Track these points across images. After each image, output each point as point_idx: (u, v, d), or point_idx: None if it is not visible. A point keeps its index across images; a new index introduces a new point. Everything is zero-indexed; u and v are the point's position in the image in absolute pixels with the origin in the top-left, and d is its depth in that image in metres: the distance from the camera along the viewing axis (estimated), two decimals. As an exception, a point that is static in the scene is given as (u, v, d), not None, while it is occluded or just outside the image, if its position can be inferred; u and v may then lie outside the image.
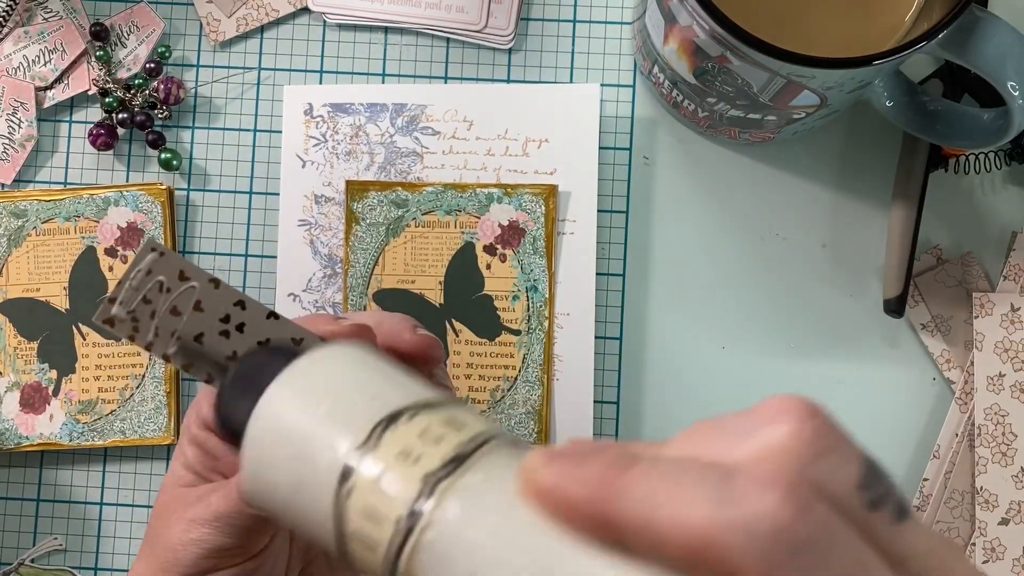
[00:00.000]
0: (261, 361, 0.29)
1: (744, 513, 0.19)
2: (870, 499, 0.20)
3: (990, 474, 0.50)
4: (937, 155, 0.51)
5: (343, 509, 0.24)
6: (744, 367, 0.52)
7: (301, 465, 0.25)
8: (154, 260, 0.30)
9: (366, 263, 0.52)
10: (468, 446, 0.23)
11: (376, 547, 0.23)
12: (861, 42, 0.44)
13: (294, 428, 0.25)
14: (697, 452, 0.21)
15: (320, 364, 0.27)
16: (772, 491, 0.19)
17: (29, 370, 0.52)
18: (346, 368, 0.27)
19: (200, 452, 0.35)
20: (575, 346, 0.51)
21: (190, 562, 0.33)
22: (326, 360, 0.27)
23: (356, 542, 0.23)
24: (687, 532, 0.19)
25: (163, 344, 0.30)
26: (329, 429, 0.25)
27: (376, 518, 0.23)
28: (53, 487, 0.53)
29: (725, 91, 0.45)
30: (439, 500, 0.22)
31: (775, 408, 0.21)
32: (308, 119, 0.53)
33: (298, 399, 0.26)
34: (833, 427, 0.21)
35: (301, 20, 0.54)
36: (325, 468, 0.24)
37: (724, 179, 0.53)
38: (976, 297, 0.51)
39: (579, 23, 0.53)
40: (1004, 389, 0.50)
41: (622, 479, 0.20)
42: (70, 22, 0.54)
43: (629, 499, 0.20)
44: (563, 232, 0.52)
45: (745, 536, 0.19)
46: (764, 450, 0.20)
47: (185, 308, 0.31)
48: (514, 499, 0.22)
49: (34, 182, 0.54)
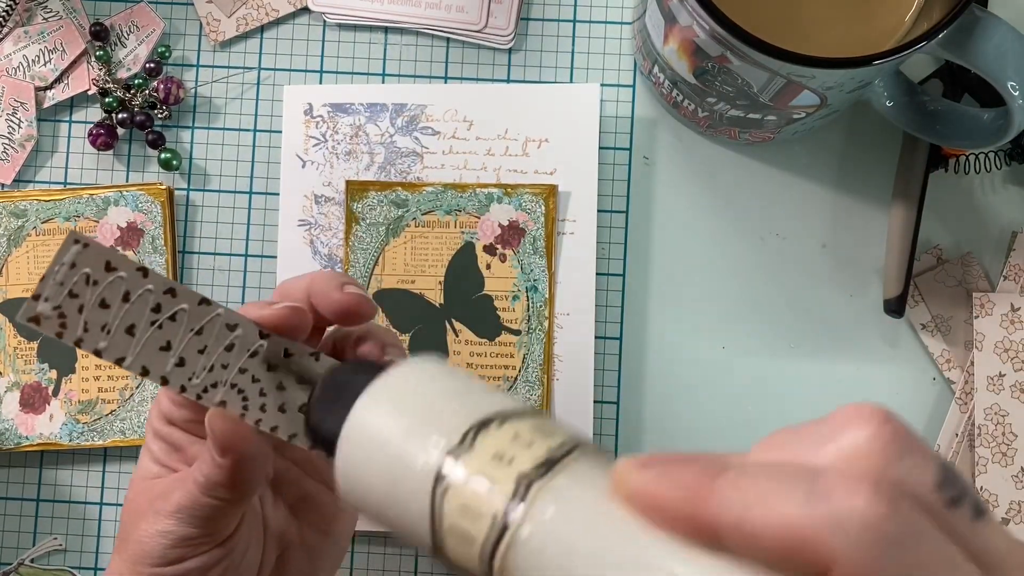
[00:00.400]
0: (348, 375, 0.32)
1: (837, 508, 0.20)
2: (949, 498, 0.21)
3: (990, 474, 0.50)
4: (937, 155, 0.51)
5: (439, 508, 0.25)
6: (744, 367, 0.52)
7: (396, 468, 0.26)
8: (78, 252, 0.29)
9: (366, 263, 0.52)
10: (558, 451, 0.25)
11: (472, 542, 0.24)
12: (861, 42, 0.44)
13: (388, 434, 0.27)
14: (781, 458, 0.22)
15: (408, 376, 0.29)
16: (861, 487, 0.20)
17: (29, 370, 0.52)
18: (433, 379, 0.28)
19: (165, 445, 0.36)
20: (575, 346, 0.51)
21: (158, 553, 0.34)
22: (413, 372, 0.29)
23: (453, 537, 0.25)
24: (782, 527, 0.20)
25: (93, 339, 0.30)
26: (423, 434, 0.26)
27: (473, 515, 0.24)
28: (53, 487, 0.53)
29: (725, 91, 0.45)
30: (534, 499, 0.24)
31: (851, 414, 0.22)
32: (308, 119, 0.53)
33: (391, 408, 0.28)
34: (909, 431, 0.22)
35: (301, 20, 0.54)
36: (420, 470, 0.26)
37: (724, 179, 0.53)
38: (976, 297, 0.51)
39: (579, 23, 0.53)
40: (1004, 389, 0.50)
41: (716, 481, 0.21)
42: (70, 22, 0.54)
43: (723, 499, 0.21)
44: (563, 232, 0.52)
45: (839, 530, 0.19)
46: (846, 453, 0.21)
47: (114, 300, 0.30)
48: (606, 500, 0.23)
49: (34, 182, 0.54)
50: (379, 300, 0.52)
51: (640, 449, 0.52)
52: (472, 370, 0.51)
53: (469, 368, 0.51)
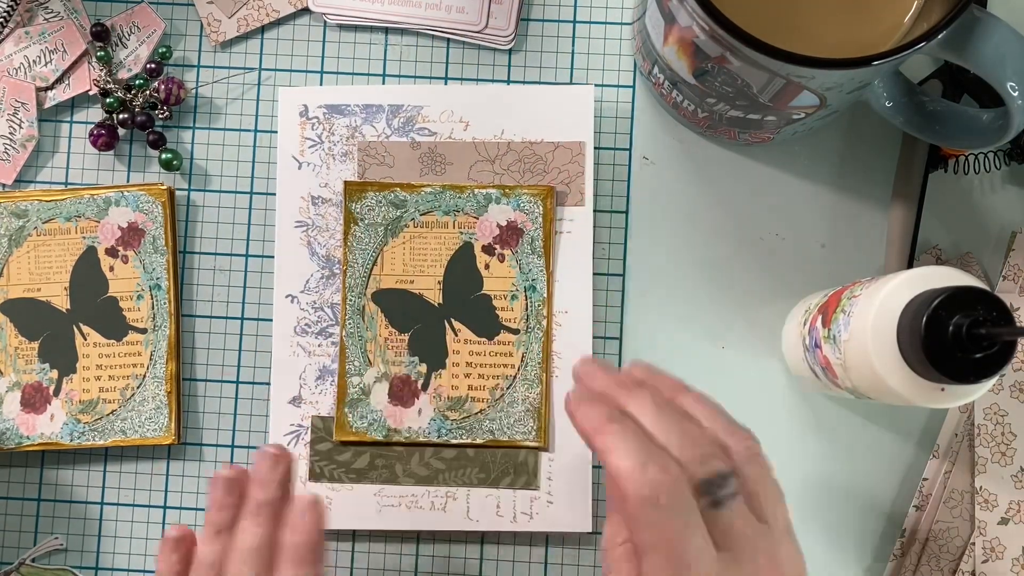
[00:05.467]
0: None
1: (635, 476, 0.35)
2: (700, 488, 0.35)
3: (989, 474, 0.50)
4: (937, 155, 0.51)
5: None
6: (744, 367, 0.52)
7: None
8: None
9: (365, 263, 0.52)
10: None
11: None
12: (861, 43, 0.44)
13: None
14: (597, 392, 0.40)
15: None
16: (652, 469, 0.35)
17: (30, 370, 0.52)
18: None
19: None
20: (573, 343, 0.51)
21: None
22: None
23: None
24: (615, 471, 0.35)
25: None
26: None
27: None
28: (54, 487, 0.53)
29: (725, 91, 0.45)
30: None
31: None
32: (303, 120, 0.53)
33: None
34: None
35: (301, 20, 0.54)
36: None
37: (724, 179, 0.53)
38: (976, 297, 0.51)
39: (579, 23, 0.53)
40: (1004, 389, 0.50)
41: (607, 426, 0.36)
42: (71, 22, 0.54)
43: (601, 440, 0.36)
44: (560, 231, 0.52)
45: (634, 485, 0.34)
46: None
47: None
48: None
49: (35, 182, 0.54)
50: (378, 300, 0.52)
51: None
52: (472, 369, 0.51)
53: (469, 367, 0.51)
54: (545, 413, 0.51)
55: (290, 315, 0.52)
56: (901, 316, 0.39)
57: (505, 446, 0.51)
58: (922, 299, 0.38)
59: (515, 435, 0.51)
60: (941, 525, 0.50)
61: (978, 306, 0.37)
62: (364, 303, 0.52)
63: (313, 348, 0.52)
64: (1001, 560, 0.50)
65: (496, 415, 0.51)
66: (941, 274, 0.39)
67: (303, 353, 0.52)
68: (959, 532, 0.50)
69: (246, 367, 0.53)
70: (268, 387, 0.53)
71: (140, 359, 0.52)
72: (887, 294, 0.39)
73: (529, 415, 0.51)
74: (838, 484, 0.51)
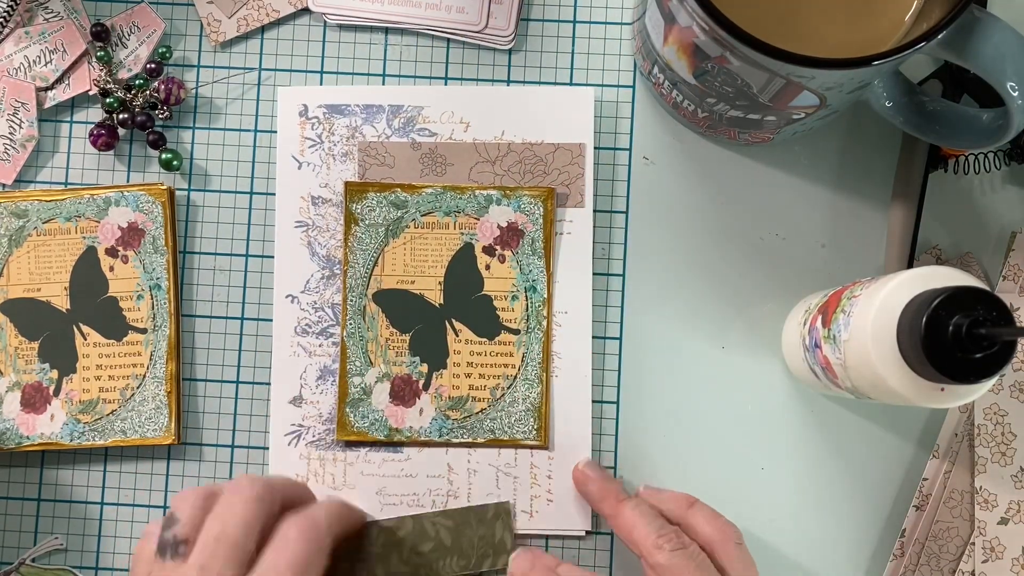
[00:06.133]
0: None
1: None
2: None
3: (989, 474, 0.50)
4: (936, 155, 0.51)
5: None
6: (744, 367, 0.52)
7: None
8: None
9: (365, 263, 0.52)
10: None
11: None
12: (860, 43, 0.44)
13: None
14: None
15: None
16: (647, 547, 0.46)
17: (30, 370, 0.52)
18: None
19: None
20: (573, 343, 0.52)
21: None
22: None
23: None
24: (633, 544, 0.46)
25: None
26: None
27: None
28: (54, 487, 0.53)
29: (725, 91, 0.45)
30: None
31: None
32: (303, 120, 0.53)
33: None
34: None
35: (301, 20, 0.54)
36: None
37: (724, 179, 0.53)
38: (976, 297, 0.51)
39: (579, 23, 0.54)
40: (1003, 389, 0.50)
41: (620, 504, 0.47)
42: (71, 22, 0.54)
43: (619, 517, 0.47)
44: (560, 232, 0.52)
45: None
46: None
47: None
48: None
49: (35, 182, 0.54)
50: (379, 300, 0.52)
51: (641, 449, 0.52)
52: (472, 369, 0.51)
53: (469, 367, 0.51)
54: (545, 413, 0.51)
55: (290, 315, 0.52)
56: (901, 316, 0.39)
57: (506, 445, 0.51)
58: (922, 299, 0.38)
59: (515, 434, 0.51)
60: (941, 525, 0.50)
61: (978, 306, 0.37)
62: (365, 303, 0.52)
63: (314, 348, 0.52)
64: (1001, 560, 0.50)
65: (497, 414, 0.51)
66: (941, 274, 0.39)
67: (304, 353, 0.52)
68: (959, 532, 0.50)
69: (246, 367, 0.53)
70: (268, 387, 0.53)
71: (140, 359, 0.52)
72: (887, 294, 0.40)
73: (529, 414, 0.51)
74: (838, 484, 0.52)
